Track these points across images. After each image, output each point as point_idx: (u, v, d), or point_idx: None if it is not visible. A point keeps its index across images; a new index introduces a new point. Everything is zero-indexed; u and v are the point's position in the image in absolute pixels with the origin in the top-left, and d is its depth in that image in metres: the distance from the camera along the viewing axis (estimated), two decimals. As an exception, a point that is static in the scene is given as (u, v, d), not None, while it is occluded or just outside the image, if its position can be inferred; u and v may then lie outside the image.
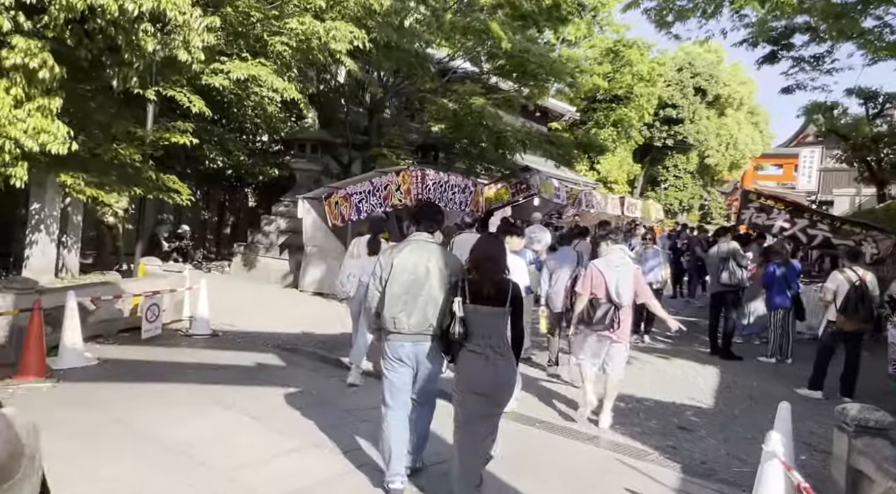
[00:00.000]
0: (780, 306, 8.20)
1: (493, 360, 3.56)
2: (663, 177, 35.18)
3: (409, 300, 3.72)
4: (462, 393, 3.62)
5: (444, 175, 11.46)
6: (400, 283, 3.74)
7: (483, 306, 3.59)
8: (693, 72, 33.07)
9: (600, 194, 22.01)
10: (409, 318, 3.72)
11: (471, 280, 3.65)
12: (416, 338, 3.75)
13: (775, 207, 10.74)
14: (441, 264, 3.78)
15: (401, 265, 3.77)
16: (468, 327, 3.56)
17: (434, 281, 3.74)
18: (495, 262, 3.72)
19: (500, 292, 3.63)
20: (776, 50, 12.60)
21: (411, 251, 3.83)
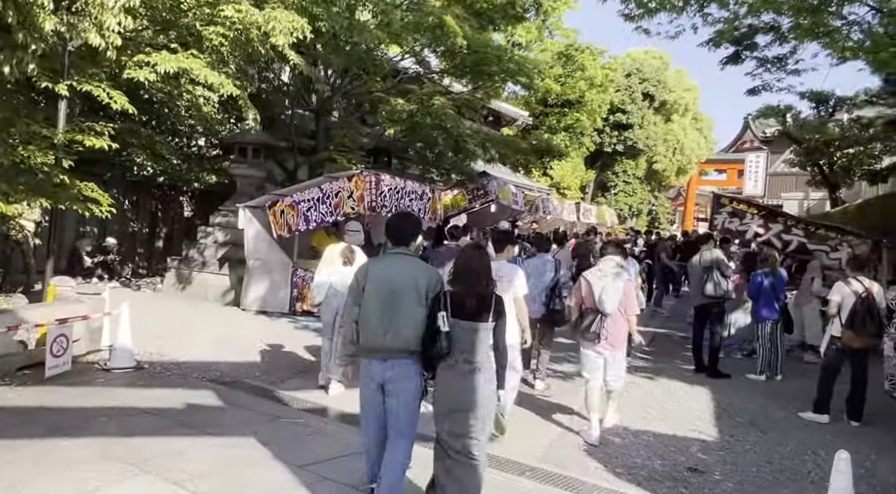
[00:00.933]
0: (767, 318, 7.60)
1: (470, 375, 3.49)
2: (613, 182, 35.12)
3: (386, 316, 3.55)
4: (440, 410, 3.56)
5: (400, 180, 10.56)
6: (376, 299, 3.59)
7: (464, 321, 3.52)
8: (641, 77, 33.13)
9: (557, 200, 21.53)
10: (386, 335, 3.54)
11: (454, 293, 3.57)
12: (392, 356, 3.56)
13: (748, 212, 10.29)
14: (419, 278, 3.60)
15: (376, 279, 3.62)
16: (449, 342, 3.47)
17: (411, 296, 3.56)
18: (478, 276, 3.62)
19: (483, 307, 3.55)
20: (740, 50, 12.17)
21: (388, 265, 3.69)
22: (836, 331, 6.02)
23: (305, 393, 6.22)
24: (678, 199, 48.29)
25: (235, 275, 11.21)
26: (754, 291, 7.62)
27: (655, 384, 7.29)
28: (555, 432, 5.54)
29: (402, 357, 3.56)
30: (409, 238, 3.78)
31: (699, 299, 7.83)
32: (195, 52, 8.87)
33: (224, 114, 11.47)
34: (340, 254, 6.46)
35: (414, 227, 3.85)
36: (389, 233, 3.81)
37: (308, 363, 7.46)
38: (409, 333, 3.54)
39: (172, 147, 11.71)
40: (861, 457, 5.21)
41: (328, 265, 6.43)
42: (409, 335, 3.54)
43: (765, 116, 18.87)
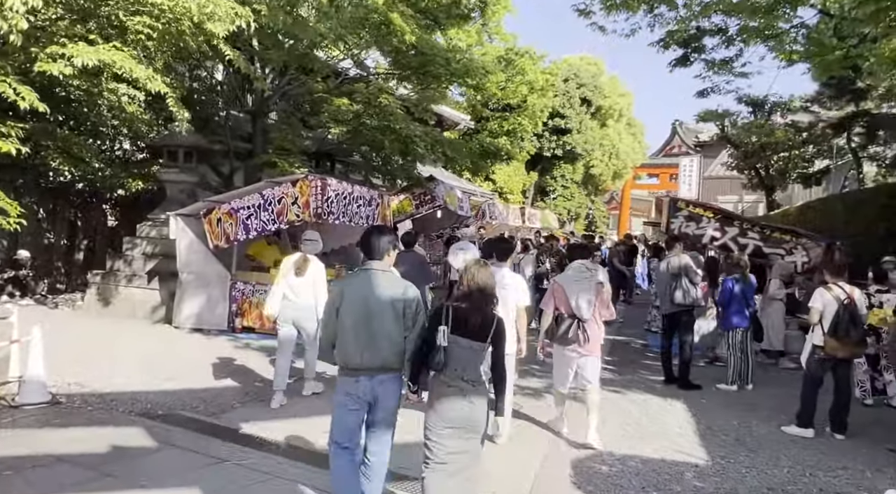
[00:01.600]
0: (738, 326, 7.35)
1: (466, 393, 3.43)
2: (552, 186, 35.27)
3: (361, 333, 3.49)
4: (433, 428, 3.45)
5: (347, 185, 9.90)
6: (351, 316, 3.51)
7: (464, 339, 3.45)
8: (578, 82, 33.43)
9: (502, 205, 21.24)
10: (362, 353, 3.48)
11: (457, 308, 3.50)
12: (369, 374, 3.49)
13: (704, 216, 10.14)
14: (395, 294, 3.53)
15: (352, 297, 3.53)
16: (446, 358, 3.41)
17: (388, 313, 3.50)
18: (484, 294, 3.54)
19: (485, 326, 3.49)
20: (688, 52, 12.11)
21: (364, 280, 3.59)
22: (818, 340, 5.77)
23: (255, 424, 5.50)
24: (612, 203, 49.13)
25: (166, 290, 10.27)
26: (725, 298, 7.36)
27: (627, 399, 6.90)
28: (537, 459, 5.04)
29: (381, 374, 3.51)
30: (384, 251, 3.66)
31: (668, 307, 7.53)
32: (118, 45, 7.99)
33: (151, 115, 10.51)
34: (294, 264, 6.34)
35: (389, 240, 3.72)
36: (363, 246, 3.71)
37: (255, 388, 6.72)
38: (387, 351, 3.49)
39: (93, 149, 10.66)
40: (857, 475, 4.95)
41: (282, 276, 6.32)
42: (387, 353, 3.49)
43: (704, 120, 19.06)
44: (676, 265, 7.47)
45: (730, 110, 18.38)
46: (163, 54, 9.61)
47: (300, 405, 6.18)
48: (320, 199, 9.06)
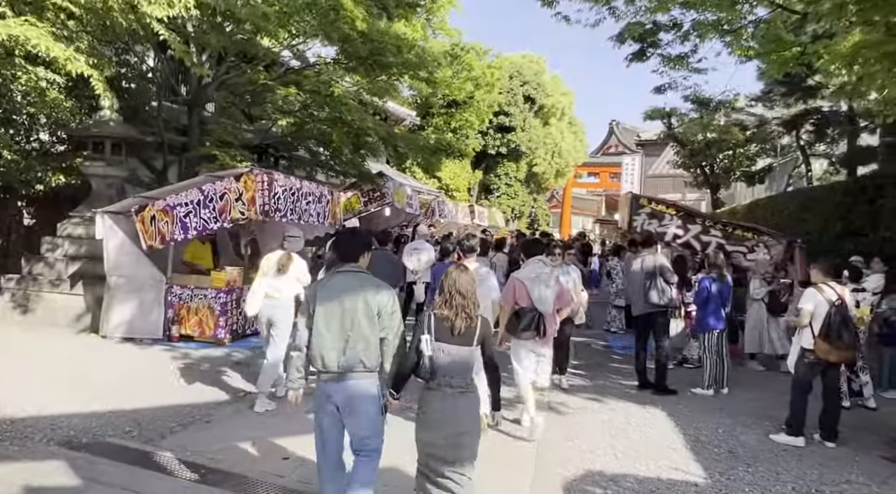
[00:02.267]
0: (714, 328, 7.06)
1: (456, 398, 3.41)
2: (496, 185, 35.11)
3: (338, 335, 3.45)
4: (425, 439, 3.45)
5: (296, 181, 9.19)
6: (326, 317, 3.48)
7: (450, 346, 3.43)
8: (522, 80, 33.34)
9: (451, 202, 20.77)
10: (339, 356, 3.44)
11: (440, 316, 3.48)
12: (344, 377, 3.45)
13: (667, 213, 9.88)
14: (370, 296, 3.49)
15: (327, 297, 3.50)
16: (432, 366, 3.39)
17: (363, 312, 3.46)
18: (466, 298, 3.51)
19: (470, 330, 3.48)
20: (644, 47, 11.93)
21: (338, 282, 3.56)
22: (807, 343, 5.50)
23: (200, 452, 4.79)
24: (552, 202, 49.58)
25: (92, 295, 9.28)
26: (702, 298, 7.06)
27: (607, 408, 6.50)
28: (527, 483, 4.53)
29: (359, 378, 3.45)
30: (359, 253, 3.66)
31: (642, 307, 7.18)
32: (32, 20, 7.06)
33: (74, 102, 9.47)
34: (276, 263, 6.19)
35: (363, 242, 3.74)
36: (337, 249, 3.70)
37: (198, 407, 5.96)
38: (363, 353, 3.43)
39: (5, 140, 9.52)
40: (864, 489, 4.67)
41: (262, 275, 6.20)
42: (364, 355, 3.44)
43: (651, 118, 19.08)
44: (652, 264, 7.14)
45: (677, 108, 18.49)
46: (87, 34, 8.68)
47: (254, 424, 5.50)
48: (267, 196, 8.33)
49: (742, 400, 6.89)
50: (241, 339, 9.07)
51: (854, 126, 12.14)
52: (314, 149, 12.36)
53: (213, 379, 6.97)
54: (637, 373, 7.29)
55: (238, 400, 6.23)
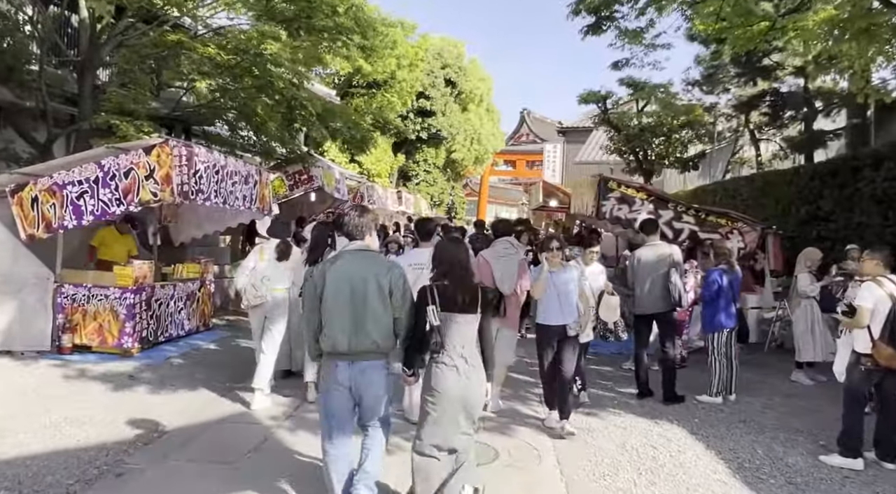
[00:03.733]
0: (724, 326, 6.20)
1: (465, 372, 3.43)
2: (414, 171, 33.95)
3: (348, 317, 3.37)
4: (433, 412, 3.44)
5: (220, 157, 7.68)
6: (336, 299, 3.38)
7: (458, 314, 3.45)
8: (443, 62, 32.26)
9: (381, 188, 19.46)
10: (349, 337, 3.36)
11: (442, 287, 3.48)
12: (358, 358, 3.40)
13: (637, 197, 9.10)
14: (380, 275, 3.41)
15: (336, 278, 3.40)
16: (442, 337, 3.40)
17: (374, 293, 3.38)
18: (466, 268, 3.61)
19: (473, 298, 3.50)
20: (600, 19, 11.09)
21: (347, 262, 3.47)
22: (863, 347, 4.69)
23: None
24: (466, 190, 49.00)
25: (-45, 299, 7.38)
26: (711, 293, 6.20)
27: (614, 425, 5.50)
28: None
29: (371, 358, 3.42)
30: (366, 231, 3.58)
31: (654, 305, 6.17)
32: None
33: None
34: (276, 248, 5.95)
35: (372, 219, 3.67)
36: (343, 228, 3.63)
37: (104, 450, 4.47)
38: (376, 334, 3.39)
39: None
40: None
41: (254, 260, 5.96)
42: (376, 336, 3.39)
43: (586, 101, 18.50)
44: (667, 255, 6.25)
45: (613, 92, 17.99)
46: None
47: (186, 475, 4.11)
48: (186, 173, 6.79)
49: (757, 409, 6.10)
50: (153, 348, 7.50)
51: (811, 108, 11.90)
52: (234, 124, 10.69)
53: (121, 404, 5.47)
54: (637, 381, 6.34)
55: (159, 437, 4.79)
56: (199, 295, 8.56)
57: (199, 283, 8.57)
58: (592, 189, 9.53)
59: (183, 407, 5.50)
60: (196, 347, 7.84)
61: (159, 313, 7.65)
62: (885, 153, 8.42)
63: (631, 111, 18.65)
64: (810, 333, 7.06)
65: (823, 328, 7.06)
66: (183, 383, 6.27)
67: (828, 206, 9.42)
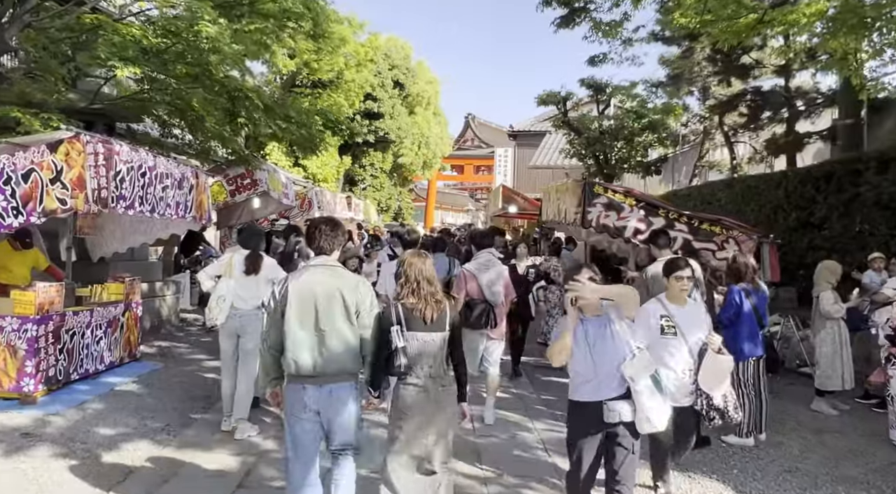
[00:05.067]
0: (750, 355, 5.34)
1: (433, 393, 3.25)
2: (360, 176, 32.73)
3: (313, 336, 3.21)
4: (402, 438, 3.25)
5: (147, 155, 6.40)
6: (300, 317, 3.22)
7: (424, 333, 3.27)
8: (391, 63, 31.22)
9: (330, 193, 18.20)
10: (314, 357, 3.20)
11: (407, 305, 3.29)
12: (323, 381, 3.20)
13: (626, 204, 8.24)
14: (346, 291, 3.24)
15: (300, 294, 3.24)
16: (408, 358, 3.19)
17: (340, 311, 3.23)
18: (431, 282, 3.38)
19: (441, 315, 3.31)
20: (573, 10, 10.31)
21: (312, 276, 3.31)
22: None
23: None
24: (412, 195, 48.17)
25: None
26: (732, 316, 5.35)
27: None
28: None
29: (339, 380, 3.24)
30: (334, 246, 3.39)
31: None
32: None
33: None
34: (244, 261, 5.39)
35: (342, 233, 3.46)
36: (311, 241, 3.46)
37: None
38: (342, 354, 3.22)
39: None
40: None
41: (226, 276, 5.36)
42: (343, 357, 3.23)
43: (545, 103, 17.77)
44: None
45: (573, 93, 17.30)
46: None
47: None
48: (105, 175, 5.53)
49: (795, 453, 5.22)
50: (64, 389, 6.14)
51: (793, 108, 11.38)
52: (166, 120, 9.29)
53: (20, 476, 4.17)
54: None
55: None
56: (122, 320, 7.20)
57: (122, 307, 7.21)
58: (574, 194, 8.63)
59: (99, 475, 4.24)
60: (119, 385, 6.51)
61: (71, 346, 6.28)
62: (893, 154, 7.84)
63: (591, 113, 17.98)
64: (839, 359, 6.29)
65: (850, 353, 6.31)
66: (102, 437, 4.99)
67: (821, 213, 8.83)
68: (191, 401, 6.04)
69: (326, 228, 3.39)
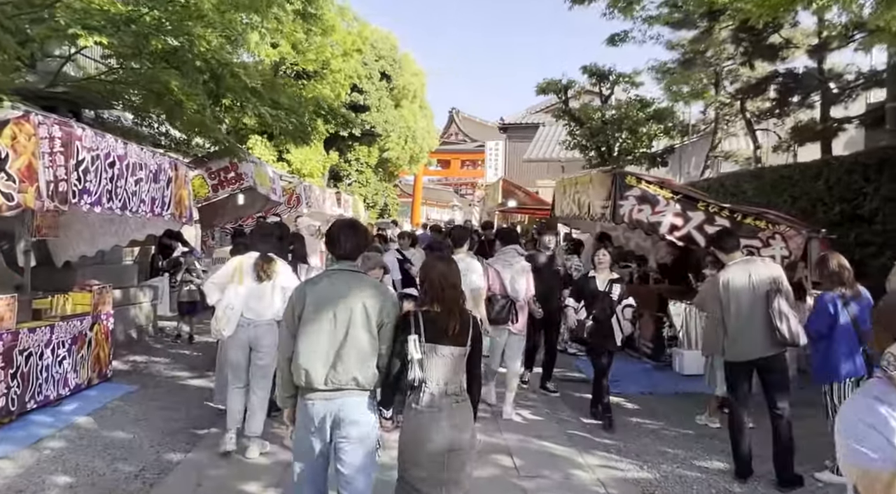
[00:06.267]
0: (848, 374, 4.42)
1: (448, 413, 2.94)
2: (346, 171, 31.68)
3: (328, 346, 2.94)
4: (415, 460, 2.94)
5: (116, 143, 5.40)
6: (316, 325, 2.97)
7: (444, 346, 2.98)
8: (378, 54, 30.16)
9: (319, 189, 17.17)
10: (328, 370, 2.92)
11: (429, 314, 3.02)
12: (336, 396, 2.93)
13: (661, 196, 7.37)
14: (369, 300, 3.00)
15: (317, 301, 3.00)
16: (423, 372, 2.94)
17: (361, 321, 2.97)
18: (456, 291, 3.10)
19: (464, 328, 3.03)
20: (589, -16, 9.42)
21: (332, 283, 3.07)
22: None
23: None
24: (396, 190, 47.23)
25: None
26: (824, 328, 4.47)
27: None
28: None
29: (352, 395, 2.94)
30: (357, 250, 3.17)
31: (763, 348, 4.35)
32: None
33: None
34: (254, 267, 4.81)
35: (366, 237, 3.30)
36: (332, 244, 3.17)
37: None
38: (358, 367, 2.94)
39: None
40: None
41: (235, 281, 4.83)
42: (358, 369, 2.94)
43: (544, 91, 16.88)
44: (767, 276, 4.47)
45: (575, 81, 16.41)
46: None
47: None
48: (63, 165, 4.53)
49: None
50: (17, 422, 5.13)
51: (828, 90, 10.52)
52: (142, 106, 8.20)
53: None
54: (735, 454, 4.48)
55: None
56: (90, 335, 6.18)
57: (90, 320, 6.18)
58: (602, 186, 7.73)
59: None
60: (85, 414, 5.50)
61: (27, 369, 5.26)
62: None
63: (593, 103, 17.12)
64: None
65: None
66: (60, 489, 4.00)
67: (872, 204, 8.03)
68: (171, 436, 5.06)
69: (350, 231, 3.16)
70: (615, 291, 6.03)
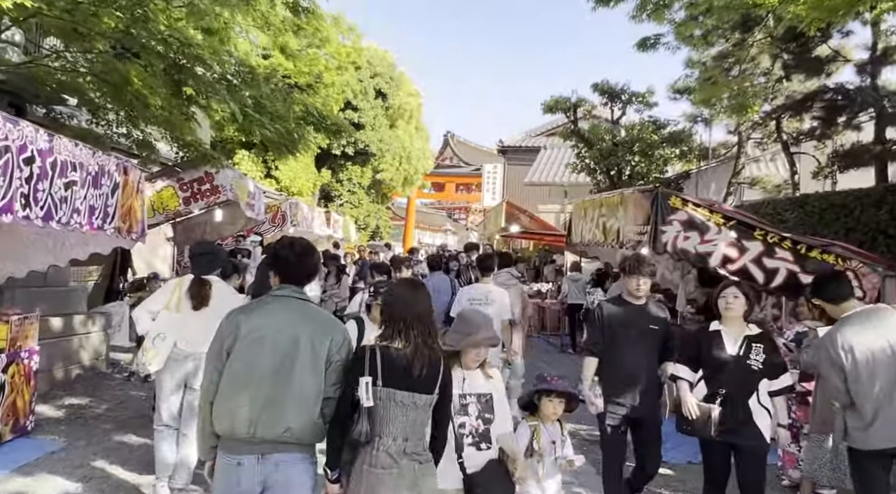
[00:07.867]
0: None
1: (406, 473, 2.44)
2: (337, 191, 30.60)
3: (262, 387, 2.45)
4: None
5: (39, 134, 4.16)
6: (247, 362, 2.49)
7: (403, 392, 2.47)
8: (373, 71, 29.26)
9: (307, 207, 15.95)
10: (257, 416, 2.41)
11: (389, 350, 2.50)
12: (268, 449, 2.43)
13: (712, 221, 6.21)
14: (316, 333, 2.55)
15: (252, 333, 2.51)
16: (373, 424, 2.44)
17: (305, 359, 2.50)
18: (429, 325, 2.61)
19: (432, 371, 2.52)
20: (616, -15, 8.38)
21: (271, 312, 2.59)
22: None
23: None
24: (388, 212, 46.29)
25: None
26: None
27: None
28: None
29: (288, 451, 2.47)
30: (309, 274, 2.72)
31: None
32: None
33: None
34: (187, 293, 4.32)
35: (317, 260, 2.81)
36: (278, 266, 2.69)
37: None
38: (294, 417, 2.44)
39: None
40: None
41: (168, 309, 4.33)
42: (293, 420, 2.44)
43: (552, 110, 15.85)
44: None
45: (585, 99, 15.40)
46: None
47: None
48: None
49: None
50: None
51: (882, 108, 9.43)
52: (97, 103, 6.99)
53: None
54: None
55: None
56: (3, 378, 4.88)
57: (3, 359, 4.89)
58: (638, 208, 6.57)
59: None
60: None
61: None
62: None
63: (602, 124, 16.11)
64: None
65: None
66: None
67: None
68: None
69: (304, 252, 2.69)
70: (756, 355, 3.80)
